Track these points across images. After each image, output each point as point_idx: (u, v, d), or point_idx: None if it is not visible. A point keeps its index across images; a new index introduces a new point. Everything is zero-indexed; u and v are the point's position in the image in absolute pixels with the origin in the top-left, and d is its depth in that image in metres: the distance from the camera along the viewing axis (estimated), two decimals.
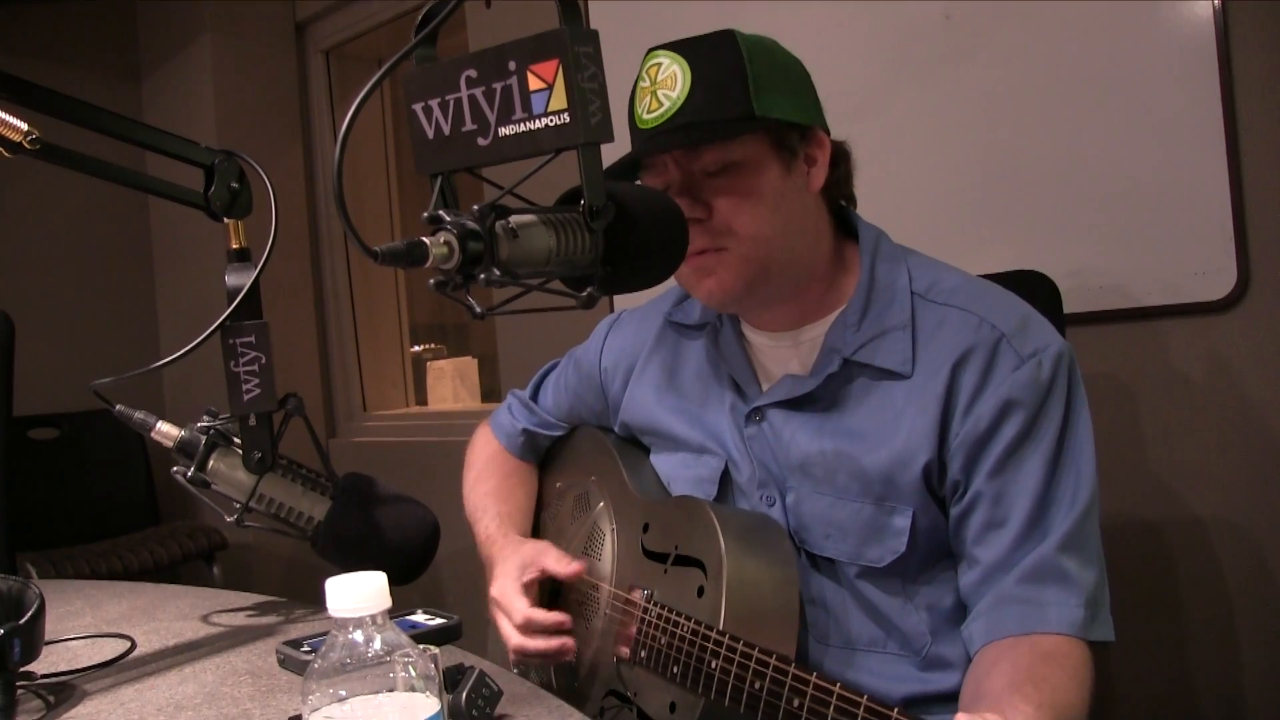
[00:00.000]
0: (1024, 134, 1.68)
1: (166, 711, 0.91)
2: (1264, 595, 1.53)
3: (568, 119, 0.62)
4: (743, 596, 1.00)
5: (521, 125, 0.63)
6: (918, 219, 1.74)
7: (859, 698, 0.84)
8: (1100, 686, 0.90)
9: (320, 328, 3.58)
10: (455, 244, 0.62)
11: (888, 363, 1.03)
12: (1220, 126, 1.49)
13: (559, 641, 1.15)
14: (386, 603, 0.62)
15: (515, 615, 1.16)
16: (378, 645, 0.62)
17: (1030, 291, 1.30)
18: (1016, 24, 1.68)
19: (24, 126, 0.93)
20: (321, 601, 0.63)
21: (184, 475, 1.09)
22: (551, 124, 0.62)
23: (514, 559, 1.22)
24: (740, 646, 0.94)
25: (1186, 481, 1.58)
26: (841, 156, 1.12)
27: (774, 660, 0.91)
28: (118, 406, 1.10)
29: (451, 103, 0.66)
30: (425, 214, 0.64)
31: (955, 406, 1.00)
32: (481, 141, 0.65)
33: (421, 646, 0.64)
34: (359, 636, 0.62)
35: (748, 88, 1.00)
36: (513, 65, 0.63)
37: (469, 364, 3.62)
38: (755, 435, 1.11)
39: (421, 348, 3.84)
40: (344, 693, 0.60)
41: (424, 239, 0.62)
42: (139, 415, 1.10)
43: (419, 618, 1.12)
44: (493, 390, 3.30)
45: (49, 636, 0.98)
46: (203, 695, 0.95)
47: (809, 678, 0.88)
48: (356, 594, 0.61)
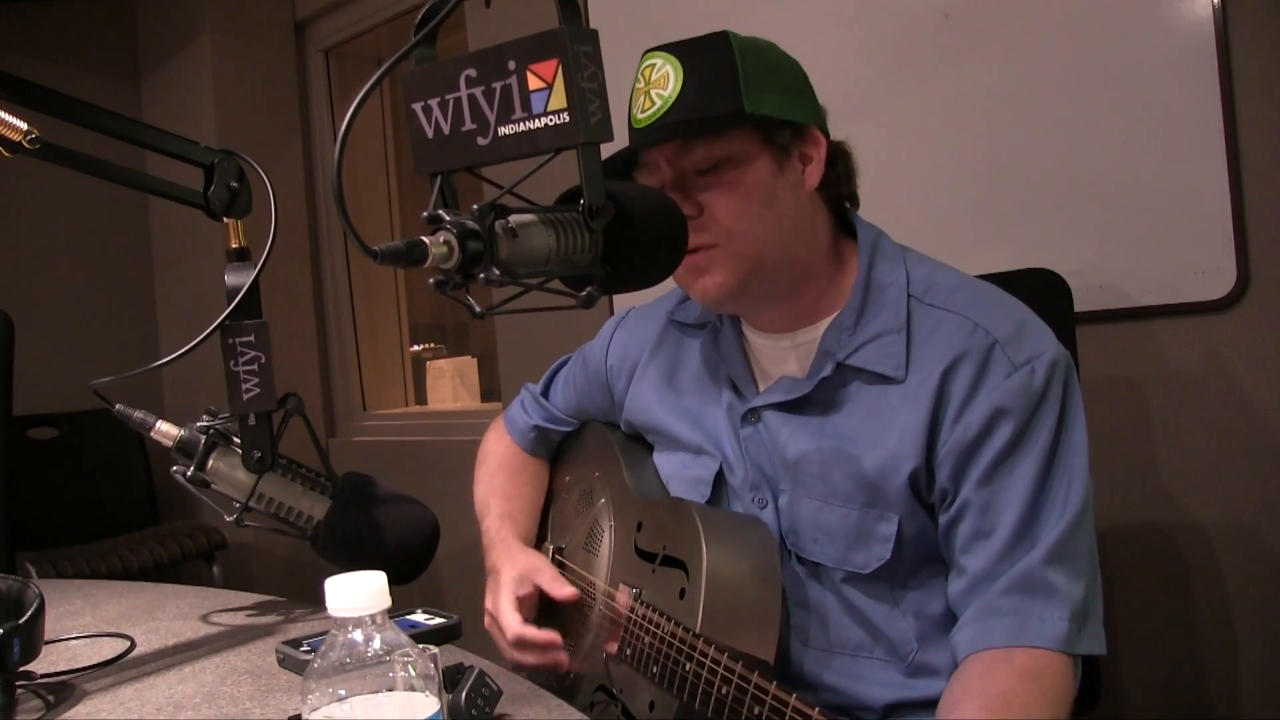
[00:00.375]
0: (1023, 133, 1.68)
1: (166, 711, 0.91)
2: (1264, 594, 1.53)
3: (567, 118, 0.62)
4: (721, 599, 1.00)
5: (521, 125, 0.63)
6: (917, 219, 1.74)
7: (810, 710, 0.84)
8: (1102, 690, 0.90)
9: (320, 327, 3.58)
10: (455, 243, 0.62)
11: (881, 367, 1.03)
12: (1220, 126, 1.49)
13: (550, 658, 1.16)
14: (386, 602, 0.62)
15: (508, 632, 1.17)
16: (377, 645, 0.62)
17: (1041, 289, 1.30)
18: (1016, 23, 1.68)
19: (24, 126, 0.93)
20: (321, 601, 0.63)
21: (183, 475, 1.09)
22: (551, 123, 0.62)
23: (509, 571, 1.22)
24: (711, 651, 0.95)
25: (1186, 481, 1.58)
26: (840, 156, 1.11)
27: (739, 667, 0.92)
28: (117, 406, 1.10)
29: (451, 102, 0.66)
30: (425, 213, 0.64)
31: (945, 413, 0.99)
32: (481, 141, 0.65)
33: (421, 646, 0.64)
34: (359, 636, 0.62)
35: (738, 85, 1.00)
36: (512, 65, 0.63)
37: (469, 363, 3.63)
38: (751, 436, 1.11)
39: (421, 347, 3.84)
40: (344, 692, 0.60)
41: (423, 238, 0.62)
42: (139, 415, 1.10)
43: (419, 617, 1.12)
44: (492, 390, 3.30)
45: (48, 636, 0.98)
46: (202, 695, 0.95)
47: (769, 687, 0.88)
48: (356, 593, 0.61)
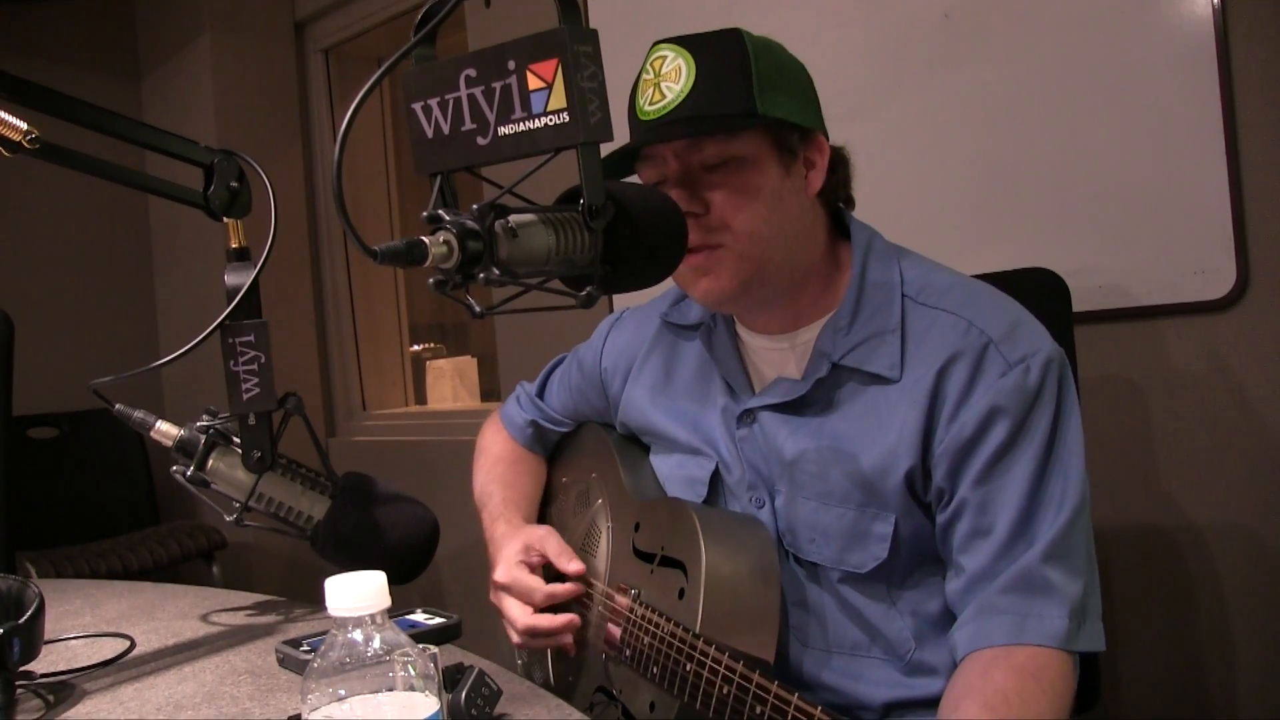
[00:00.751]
0: (1023, 133, 1.68)
1: (166, 711, 0.91)
2: (1263, 595, 1.53)
3: (567, 118, 0.62)
4: (720, 599, 1.00)
5: (521, 124, 0.63)
6: (916, 218, 1.74)
7: (813, 709, 0.84)
8: (1101, 689, 0.90)
9: (320, 327, 3.58)
10: (455, 243, 0.62)
11: (876, 367, 1.03)
12: (1220, 125, 1.49)
13: (565, 618, 1.15)
14: (386, 602, 0.62)
15: (536, 595, 1.15)
16: (377, 644, 0.62)
17: (1039, 289, 1.30)
18: (1016, 23, 1.68)
19: (24, 126, 0.93)
20: (321, 601, 0.63)
21: (183, 474, 1.09)
22: (551, 123, 0.62)
23: (517, 542, 1.21)
24: (712, 651, 0.94)
25: (1185, 481, 1.58)
26: (840, 162, 1.11)
27: (740, 666, 0.92)
28: (117, 406, 1.10)
29: (451, 102, 0.66)
30: (424, 213, 0.64)
31: (940, 412, 0.99)
32: (481, 141, 0.65)
33: (421, 646, 0.64)
34: (358, 636, 0.62)
35: (752, 85, 1.00)
36: (512, 64, 0.63)
37: (468, 363, 3.62)
38: (746, 437, 1.11)
39: (421, 347, 3.84)
40: (343, 692, 0.60)
41: (423, 238, 0.62)
42: (138, 414, 1.10)
43: (418, 617, 1.12)
44: (492, 390, 3.30)
45: (48, 636, 0.98)
46: (202, 694, 0.95)
47: (771, 686, 0.88)
48: (356, 593, 0.61)
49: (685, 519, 1.06)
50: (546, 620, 1.15)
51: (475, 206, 0.63)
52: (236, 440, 1.09)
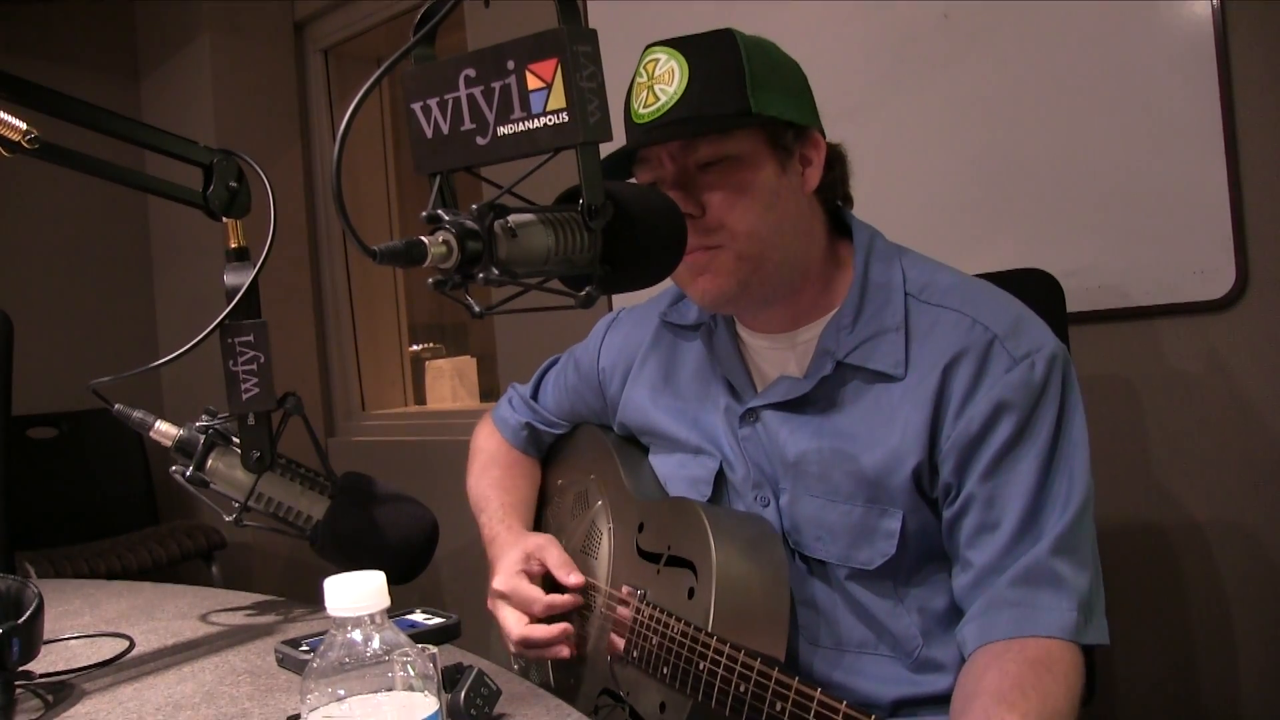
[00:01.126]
0: (1022, 133, 1.68)
1: (165, 711, 0.91)
2: (1262, 593, 1.53)
3: (566, 118, 0.62)
4: (732, 598, 1.00)
5: (520, 124, 0.63)
6: (915, 218, 1.74)
7: (838, 704, 0.84)
8: (1097, 688, 0.91)
9: (319, 327, 3.58)
10: (454, 243, 0.62)
11: (881, 365, 1.03)
12: (1219, 125, 1.49)
13: (560, 627, 1.15)
14: (385, 602, 0.62)
15: (535, 606, 1.16)
16: (376, 644, 0.62)
17: (1033, 289, 1.30)
18: (1015, 23, 1.68)
19: (23, 126, 0.93)
20: (320, 601, 0.62)
21: (183, 474, 1.09)
22: (550, 123, 0.62)
23: (516, 551, 1.21)
24: (727, 649, 0.94)
25: (1184, 481, 1.58)
26: (837, 159, 1.11)
27: (758, 664, 0.92)
28: (116, 405, 1.10)
29: (450, 102, 0.66)
30: (424, 213, 0.64)
31: (947, 409, 0.99)
32: (480, 141, 0.65)
33: (420, 646, 0.64)
34: (358, 636, 0.62)
35: (745, 84, 1.00)
36: (511, 64, 0.63)
37: (468, 363, 3.62)
38: (749, 436, 1.11)
39: (420, 347, 3.84)
40: (342, 692, 0.60)
41: (423, 238, 0.62)
42: (138, 414, 1.10)
43: (418, 617, 1.12)
44: (491, 389, 3.30)
45: (48, 636, 0.98)
46: (201, 694, 0.95)
47: (791, 682, 0.88)
48: (355, 593, 0.61)
49: (693, 518, 1.06)
50: (541, 630, 1.15)
51: (474, 206, 0.63)
52: (236, 440, 1.09)
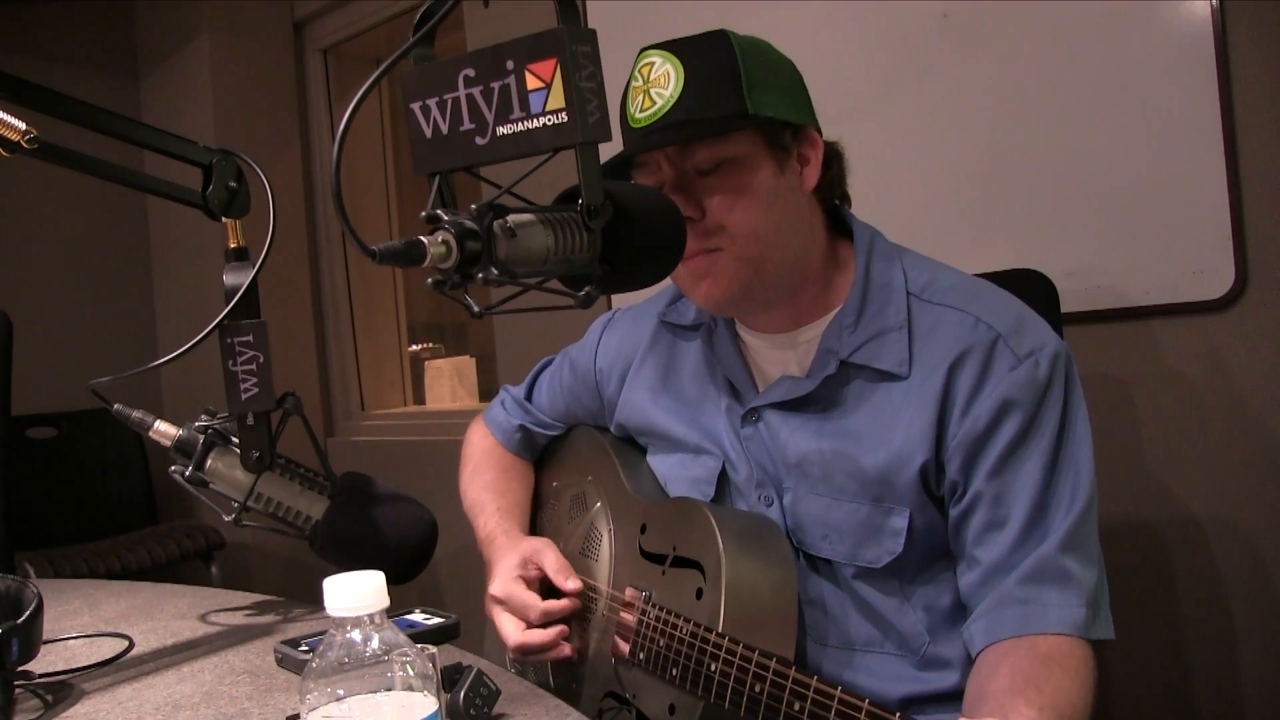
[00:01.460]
0: (1021, 133, 1.68)
1: (164, 710, 0.91)
2: (1261, 594, 1.53)
3: (565, 118, 0.62)
4: (741, 598, 0.99)
5: (519, 124, 0.63)
6: (915, 218, 1.74)
7: (860, 702, 0.84)
8: (1100, 685, 0.91)
9: (318, 327, 3.58)
10: (453, 243, 0.62)
11: (884, 364, 1.03)
12: (1218, 126, 1.49)
13: (555, 630, 1.15)
14: (384, 602, 0.62)
15: (531, 612, 1.15)
16: (376, 644, 0.62)
17: (1028, 290, 1.30)
18: (1014, 23, 1.68)
19: (22, 126, 0.93)
20: (319, 601, 0.63)
21: (182, 474, 1.09)
22: (549, 123, 0.62)
23: (513, 555, 1.21)
24: (740, 649, 0.94)
25: (1184, 481, 1.58)
26: (834, 157, 1.11)
27: (774, 664, 0.91)
28: (116, 405, 1.10)
29: (449, 102, 0.66)
30: (423, 213, 0.64)
31: (952, 407, 1.00)
32: (479, 141, 0.65)
33: (419, 646, 0.64)
34: (357, 636, 0.62)
35: (740, 86, 1.00)
36: (511, 64, 0.63)
37: (467, 363, 3.62)
38: (752, 436, 1.11)
39: (419, 347, 3.84)
40: (342, 692, 0.60)
41: (422, 238, 0.62)
42: (137, 414, 1.10)
43: (417, 617, 1.12)
44: (491, 389, 3.30)
45: (47, 636, 0.98)
46: (201, 694, 0.95)
47: (810, 681, 0.88)
48: (354, 593, 0.61)
49: (699, 518, 1.06)
50: (538, 636, 1.15)
51: (474, 206, 0.63)
52: (235, 440, 1.09)
